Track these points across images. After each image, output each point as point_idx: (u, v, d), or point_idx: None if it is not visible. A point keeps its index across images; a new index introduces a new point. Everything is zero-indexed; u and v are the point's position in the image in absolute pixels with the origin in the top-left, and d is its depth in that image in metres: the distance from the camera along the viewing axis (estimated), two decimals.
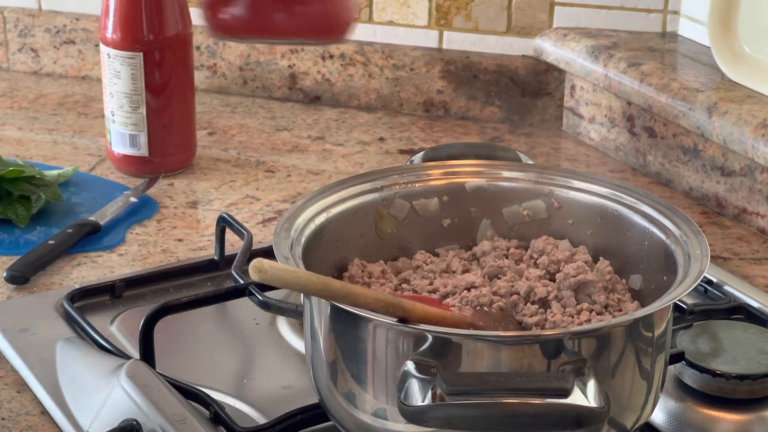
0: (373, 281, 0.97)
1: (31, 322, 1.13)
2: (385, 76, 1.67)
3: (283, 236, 0.92)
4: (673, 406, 1.01)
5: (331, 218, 0.98)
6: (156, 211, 1.38)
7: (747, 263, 1.28)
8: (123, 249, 1.29)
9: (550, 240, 1.00)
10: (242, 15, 0.84)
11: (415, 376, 0.80)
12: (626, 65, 1.49)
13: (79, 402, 1.01)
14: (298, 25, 0.84)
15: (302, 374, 1.03)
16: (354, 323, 0.86)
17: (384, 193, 1.02)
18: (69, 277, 1.23)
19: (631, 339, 0.86)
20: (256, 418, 1.00)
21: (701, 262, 0.89)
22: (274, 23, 0.84)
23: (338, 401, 0.89)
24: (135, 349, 1.07)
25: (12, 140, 1.57)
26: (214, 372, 1.07)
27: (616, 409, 0.85)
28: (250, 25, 0.85)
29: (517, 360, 0.83)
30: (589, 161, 1.53)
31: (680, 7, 1.58)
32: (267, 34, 0.87)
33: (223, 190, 1.44)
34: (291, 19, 0.83)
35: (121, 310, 1.16)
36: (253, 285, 1.07)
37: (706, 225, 1.36)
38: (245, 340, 1.14)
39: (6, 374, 1.07)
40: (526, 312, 0.93)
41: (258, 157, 1.53)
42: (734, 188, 1.36)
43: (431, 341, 0.83)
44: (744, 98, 1.37)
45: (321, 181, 1.46)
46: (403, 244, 1.02)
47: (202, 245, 1.30)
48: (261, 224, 1.35)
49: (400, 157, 1.54)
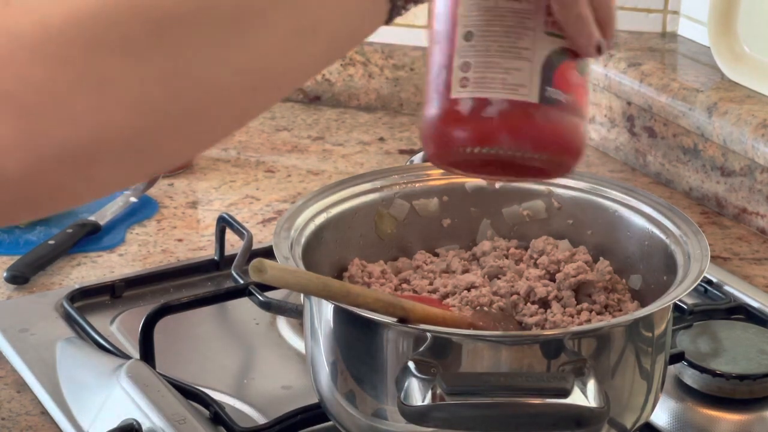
0: (373, 281, 0.97)
1: (31, 322, 1.13)
2: (385, 76, 1.67)
3: (283, 236, 0.92)
4: (673, 406, 1.01)
5: (331, 218, 0.98)
6: (156, 211, 1.38)
7: (747, 263, 1.28)
8: (123, 249, 1.29)
9: (550, 240, 1.00)
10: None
11: (415, 376, 0.80)
12: (626, 65, 1.49)
13: (79, 402, 1.01)
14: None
15: (302, 374, 1.03)
16: (354, 323, 0.86)
17: (384, 193, 1.01)
18: (69, 277, 1.23)
19: (631, 339, 0.86)
20: (256, 418, 1.00)
21: (701, 262, 0.89)
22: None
23: (338, 401, 0.89)
24: (135, 349, 1.07)
25: None
26: (214, 372, 1.07)
27: (616, 409, 0.85)
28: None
29: (517, 360, 0.83)
30: (589, 161, 1.53)
31: (680, 7, 1.58)
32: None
33: (223, 190, 1.44)
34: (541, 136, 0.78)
35: (121, 310, 1.16)
36: (253, 285, 1.07)
37: (706, 225, 1.36)
38: (245, 340, 1.14)
39: (6, 374, 1.07)
40: (526, 312, 0.93)
41: (258, 157, 1.53)
42: (734, 188, 1.36)
43: (431, 341, 0.83)
44: (744, 98, 1.37)
45: (321, 181, 1.46)
46: (403, 244, 1.02)
47: (202, 245, 1.30)
48: (261, 224, 1.35)
49: (400, 157, 1.54)
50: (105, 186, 0.61)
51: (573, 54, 0.75)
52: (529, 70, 0.74)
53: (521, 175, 0.78)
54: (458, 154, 0.75)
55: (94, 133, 0.57)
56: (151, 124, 0.59)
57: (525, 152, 0.73)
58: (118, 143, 0.58)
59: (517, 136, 0.73)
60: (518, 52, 0.74)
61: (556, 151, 0.74)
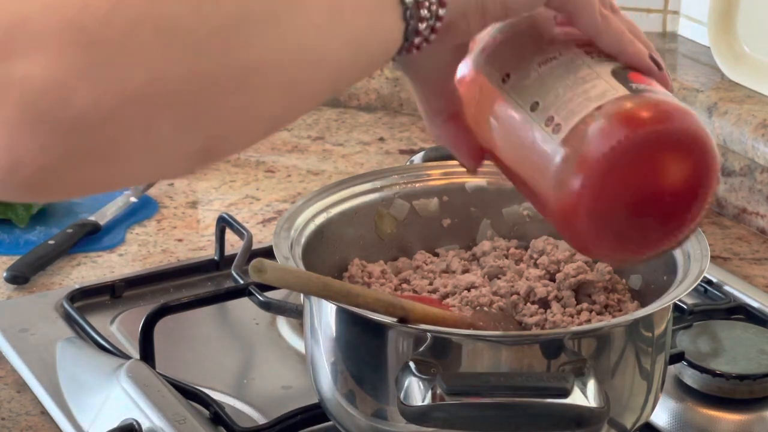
0: (373, 281, 0.97)
1: (31, 322, 1.13)
2: (385, 76, 1.67)
3: (283, 236, 0.92)
4: (673, 406, 1.01)
5: (331, 218, 0.98)
6: (156, 211, 1.38)
7: (747, 263, 1.28)
8: (123, 249, 1.29)
9: (550, 240, 1.00)
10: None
11: (415, 376, 0.80)
12: None
13: (79, 402, 1.01)
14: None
15: (302, 374, 1.03)
16: (354, 323, 0.86)
17: (384, 193, 1.01)
18: (69, 277, 1.23)
19: (631, 339, 0.86)
20: (256, 418, 1.00)
21: (701, 262, 0.89)
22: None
23: (338, 401, 0.89)
24: (135, 349, 1.07)
25: None
26: (214, 372, 1.07)
27: (616, 409, 0.85)
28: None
29: (517, 360, 0.83)
30: None
31: (680, 7, 1.58)
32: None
33: (223, 190, 1.44)
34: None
35: (121, 310, 1.16)
36: (253, 285, 1.07)
37: (706, 225, 1.36)
38: (245, 340, 1.14)
39: (6, 374, 1.07)
40: (526, 312, 0.93)
41: (258, 157, 1.53)
42: (734, 188, 1.36)
43: (431, 341, 0.82)
44: (744, 98, 1.37)
45: (321, 181, 1.46)
46: (403, 244, 1.02)
47: (202, 245, 1.30)
48: (261, 224, 1.35)
49: (400, 157, 1.54)
50: (159, 145, 0.60)
51: (633, 68, 0.75)
52: (603, 80, 0.73)
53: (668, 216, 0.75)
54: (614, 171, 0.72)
55: (153, 73, 0.58)
56: (207, 75, 0.59)
57: (653, 131, 0.71)
58: (175, 91, 0.59)
59: (636, 122, 0.71)
60: (584, 79, 0.74)
61: (679, 122, 0.72)
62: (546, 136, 0.74)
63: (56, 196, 0.62)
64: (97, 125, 0.57)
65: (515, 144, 0.76)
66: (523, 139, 0.75)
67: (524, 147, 0.75)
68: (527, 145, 0.75)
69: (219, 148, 0.63)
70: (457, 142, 0.81)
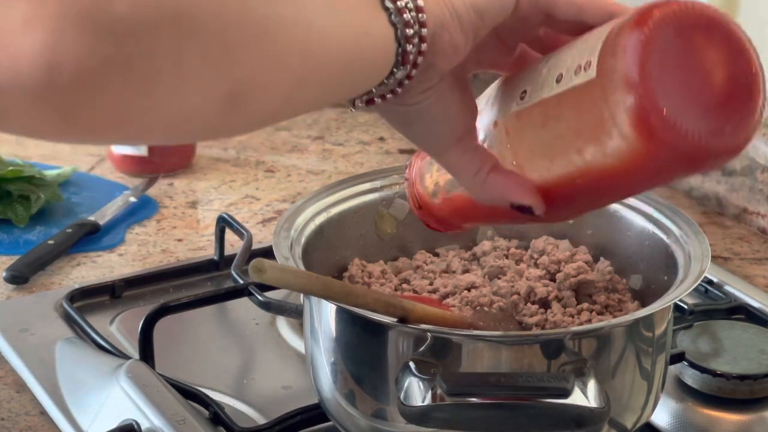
0: (373, 281, 0.97)
1: (30, 322, 1.13)
2: None
3: (283, 236, 0.92)
4: (674, 406, 1.01)
5: (331, 218, 0.98)
6: (155, 211, 1.38)
7: (747, 263, 1.28)
8: (123, 249, 1.29)
9: (550, 240, 1.00)
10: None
11: (415, 376, 0.80)
12: None
13: (79, 402, 1.01)
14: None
15: (302, 374, 1.03)
16: (354, 323, 0.86)
17: (384, 193, 1.01)
18: (69, 277, 1.23)
19: (632, 339, 0.86)
20: (256, 418, 1.00)
21: (702, 262, 0.89)
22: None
23: (338, 401, 0.89)
24: (135, 349, 1.07)
25: (11, 140, 1.56)
26: (214, 372, 1.07)
27: (617, 410, 0.85)
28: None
29: (517, 360, 0.82)
30: None
31: None
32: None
33: (222, 189, 1.44)
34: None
35: (121, 310, 1.16)
36: (253, 285, 1.07)
37: (707, 225, 1.36)
38: (245, 340, 1.14)
39: (6, 374, 1.07)
40: (527, 312, 0.93)
41: (258, 157, 1.53)
42: (735, 188, 1.36)
43: (431, 341, 0.82)
44: None
45: (321, 181, 1.46)
46: (403, 244, 1.02)
47: (202, 245, 1.30)
48: (261, 224, 1.35)
49: (400, 157, 1.54)
50: (189, 78, 0.61)
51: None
52: (607, 25, 0.73)
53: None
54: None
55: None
56: (232, 14, 0.61)
57: (671, 11, 0.70)
58: (205, 23, 0.60)
59: (651, 11, 0.71)
60: (590, 34, 0.74)
61: (691, 5, 0.72)
62: (582, 80, 0.72)
63: (87, 123, 0.61)
64: (134, 35, 0.58)
65: (564, 127, 0.74)
66: (567, 110, 0.74)
67: (573, 118, 0.73)
68: (575, 110, 0.73)
69: (246, 97, 0.64)
70: (511, 183, 0.77)
